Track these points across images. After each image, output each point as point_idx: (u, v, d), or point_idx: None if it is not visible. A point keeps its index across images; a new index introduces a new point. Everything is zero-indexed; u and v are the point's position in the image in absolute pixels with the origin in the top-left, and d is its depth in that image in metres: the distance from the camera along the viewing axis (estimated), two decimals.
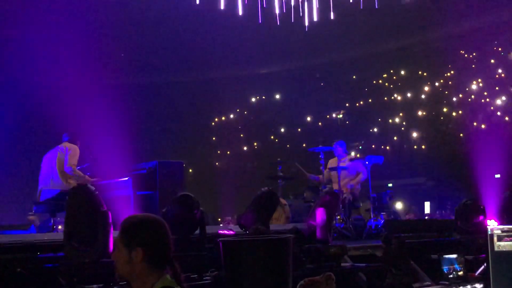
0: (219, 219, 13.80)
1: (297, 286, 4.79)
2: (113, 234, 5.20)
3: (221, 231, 6.77)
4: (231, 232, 6.73)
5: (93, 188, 5.45)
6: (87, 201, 5.24)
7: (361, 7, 12.18)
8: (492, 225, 7.68)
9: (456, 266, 6.37)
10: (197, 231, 5.98)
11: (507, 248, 5.81)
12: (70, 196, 5.45)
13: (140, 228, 2.83)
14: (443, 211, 13.18)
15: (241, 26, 15.94)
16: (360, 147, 17.96)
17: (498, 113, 17.89)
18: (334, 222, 8.61)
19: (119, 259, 2.78)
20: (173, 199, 6.05)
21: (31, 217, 12.32)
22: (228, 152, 20.51)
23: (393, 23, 17.32)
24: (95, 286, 5.05)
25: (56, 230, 8.02)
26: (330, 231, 7.07)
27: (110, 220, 5.23)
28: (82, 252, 5.12)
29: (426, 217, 12.66)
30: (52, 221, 8.06)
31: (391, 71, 20.27)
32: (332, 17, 12.17)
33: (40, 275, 5.35)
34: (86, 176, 8.53)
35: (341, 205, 9.84)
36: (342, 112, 19.74)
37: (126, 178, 8.52)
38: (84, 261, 5.02)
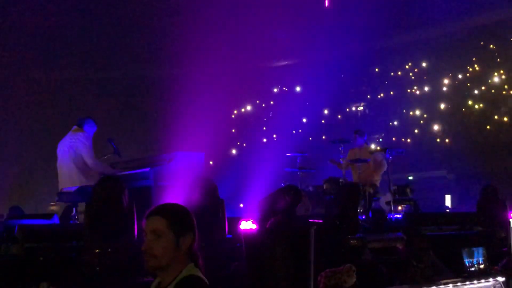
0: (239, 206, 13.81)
1: (318, 277, 4.79)
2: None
3: (243, 227, 6.76)
4: (253, 226, 6.73)
5: (120, 179, 5.50)
6: (114, 192, 5.28)
7: None
8: None
9: (478, 259, 6.31)
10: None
11: None
12: (97, 187, 5.47)
13: (188, 215, 2.88)
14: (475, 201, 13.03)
15: (261, 18, 15.93)
16: (381, 140, 17.87)
17: None
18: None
19: (164, 246, 2.76)
20: (194, 184, 6.10)
21: (53, 207, 12.43)
22: (248, 144, 20.51)
23: (414, 15, 17.16)
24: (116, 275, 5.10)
25: (79, 220, 8.07)
26: (357, 222, 7.08)
27: (135, 212, 5.29)
28: (104, 241, 5.16)
29: (448, 210, 12.56)
30: (74, 211, 8.11)
31: (410, 63, 20.11)
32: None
33: (62, 263, 5.40)
34: (108, 168, 8.55)
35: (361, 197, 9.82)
36: (362, 104, 19.66)
37: (147, 169, 8.54)
38: (106, 250, 5.06)
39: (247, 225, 6.55)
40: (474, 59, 19.02)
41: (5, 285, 5.00)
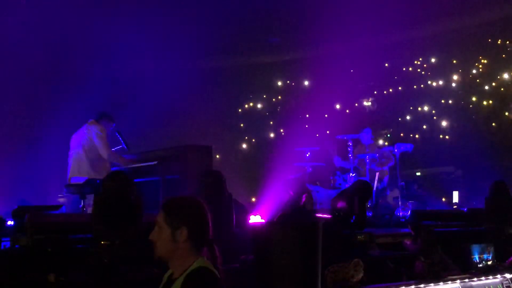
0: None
1: (325, 271, 4.79)
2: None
3: (252, 221, 6.79)
4: (262, 221, 6.76)
5: (129, 173, 5.52)
6: (122, 185, 5.30)
7: None
8: None
9: (486, 255, 6.30)
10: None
11: None
12: (106, 180, 5.50)
13: (184, 208, 2.91)
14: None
15: (267, 10, 15.91)
16: (389, 135, 17.81)
17: None
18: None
19: (161, 239, 2.84)
20: (201, 175, 6.12)
21: (61, 199, 12.47)
22: (256, 139, 20.49)
23: (425, 9, 17.06)
24: (126, 267, 5.11)
25: (86, 211, 8.12)
26: (364, 217, 7.10)
27: (143, 205, 5.33)
28: (111, 234, 5.17)
29: (455, 206, 12.52)
30: (82, 203, 8.16)
31: (420, 58, 19.98)
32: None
33: (70, 255, 5.43)
34: (125, 160, 8.61)
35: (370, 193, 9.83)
36: (370, 99, 19.58)
37: (155, 162, 8.57)
38: (114, 242, 5.08)
39: (255, 219, 6.59)
40: (484, 55, 18.89)
41: (14, 276, 5.03)
